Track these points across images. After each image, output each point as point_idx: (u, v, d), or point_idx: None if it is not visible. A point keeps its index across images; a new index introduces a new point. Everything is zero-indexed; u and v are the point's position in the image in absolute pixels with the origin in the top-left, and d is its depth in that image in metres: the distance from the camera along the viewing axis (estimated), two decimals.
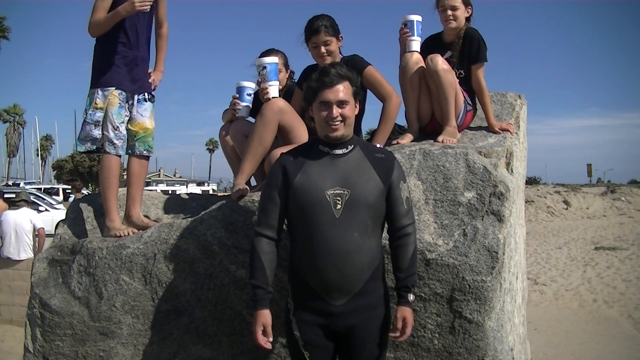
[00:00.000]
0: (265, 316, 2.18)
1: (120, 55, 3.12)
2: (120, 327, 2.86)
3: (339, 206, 2.11)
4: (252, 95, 3.23)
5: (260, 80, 2.98)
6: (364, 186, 2.14)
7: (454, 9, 3.14)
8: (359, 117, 2.88)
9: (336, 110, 2.17)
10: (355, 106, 2.26)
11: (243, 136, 3.13)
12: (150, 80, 3.30)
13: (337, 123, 2.18)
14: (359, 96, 2.30)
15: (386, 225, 2.29)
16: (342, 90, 2.18)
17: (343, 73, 2.21)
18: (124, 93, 3.13)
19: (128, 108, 3.18)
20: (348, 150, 2.22)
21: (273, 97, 2.93)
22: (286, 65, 3.44)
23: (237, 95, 3.20)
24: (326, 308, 2.13)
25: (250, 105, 3.23)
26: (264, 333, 2.18)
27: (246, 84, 3.23)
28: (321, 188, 2.13)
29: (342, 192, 2.12)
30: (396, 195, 2.21)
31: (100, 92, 3.10)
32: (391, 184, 2.20)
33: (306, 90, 2.29)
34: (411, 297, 2.19)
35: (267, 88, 2.93)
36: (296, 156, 2.25)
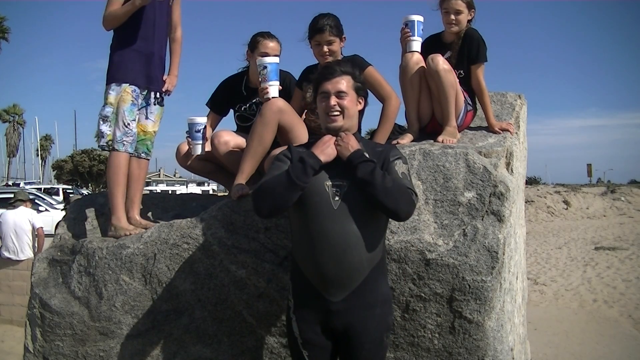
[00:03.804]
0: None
1: (136, 51, 3.08)
2: (120, 327, 2.86)
3: (337, 197, 2.11)
4: (202, 132, 3.23)
5: (260, 80, 2.97)
6: None
7: (457, 13, 3.14)
8: (359, 118, 2.88)
9: (334, 100, 2.19)
10: (359, 102, 2.28)
11: (232, 148, 3.16)
12: (166, 87, 3.27)
13: (335, 113, 2.19)
14: (362, 92, 2.31)
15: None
16: (342, 82, 2.21)
17: (345, 69, 2.25)
18: (137, 90, 3.09)
19: (141, 106, 3.15)
20: None
21: (273, 97, 2.93)
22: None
23: (188, 135, 3.24)
24: (324, 305, 2.13)
25: (202, 143, 3.23)
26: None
27: (197, 119, 3.21)
28: (320, 179, 2.14)
29: (341, 183, 2.13)
30: (389, 167, 2.15)
31: (114, 88, 3.06)
32: (386, 163, 2.15)
33: (312, 86, 2.31)
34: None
35: (267, 88, 2.92)
36: (301, 147, 2.28)
